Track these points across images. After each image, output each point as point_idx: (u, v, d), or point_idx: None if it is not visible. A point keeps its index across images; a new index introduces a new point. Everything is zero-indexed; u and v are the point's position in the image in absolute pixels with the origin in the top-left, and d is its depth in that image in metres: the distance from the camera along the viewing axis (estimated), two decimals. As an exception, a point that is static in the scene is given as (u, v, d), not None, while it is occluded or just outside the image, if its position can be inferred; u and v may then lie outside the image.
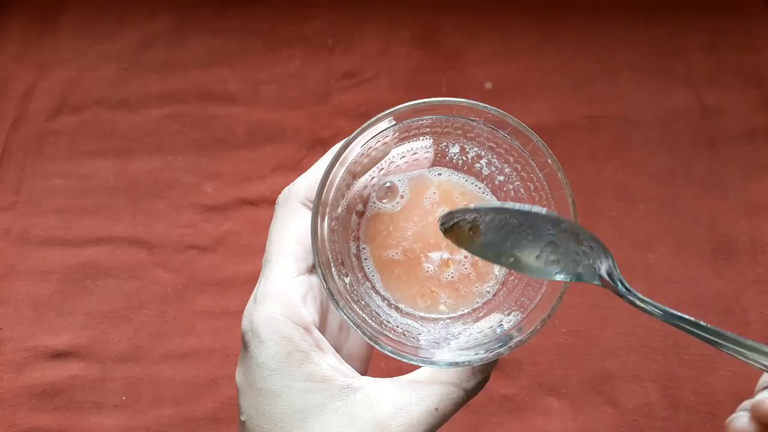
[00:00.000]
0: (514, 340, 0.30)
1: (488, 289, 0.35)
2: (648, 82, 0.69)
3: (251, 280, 0.63)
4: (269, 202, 0.66)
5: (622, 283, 0.29)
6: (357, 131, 0.31)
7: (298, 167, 0.67)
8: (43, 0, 0.72)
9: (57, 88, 0.69)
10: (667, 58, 0.70)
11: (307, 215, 0.32)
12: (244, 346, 0.31)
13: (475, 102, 0.31)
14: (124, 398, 0.60)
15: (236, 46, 0.71)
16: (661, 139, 0.67)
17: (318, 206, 0.31)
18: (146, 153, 0.67)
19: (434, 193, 0.35)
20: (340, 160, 0.31)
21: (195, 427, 0.59)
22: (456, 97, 0.32)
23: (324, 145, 0.67)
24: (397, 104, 0.32)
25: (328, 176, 0.31)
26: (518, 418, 0.59)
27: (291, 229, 0.33)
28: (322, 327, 0.33)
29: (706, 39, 0.70)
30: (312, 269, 0.33)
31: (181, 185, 0.66)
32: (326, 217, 0.32)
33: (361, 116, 0.68)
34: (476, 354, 0.31)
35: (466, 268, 0.35)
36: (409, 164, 0.36)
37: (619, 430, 0.59)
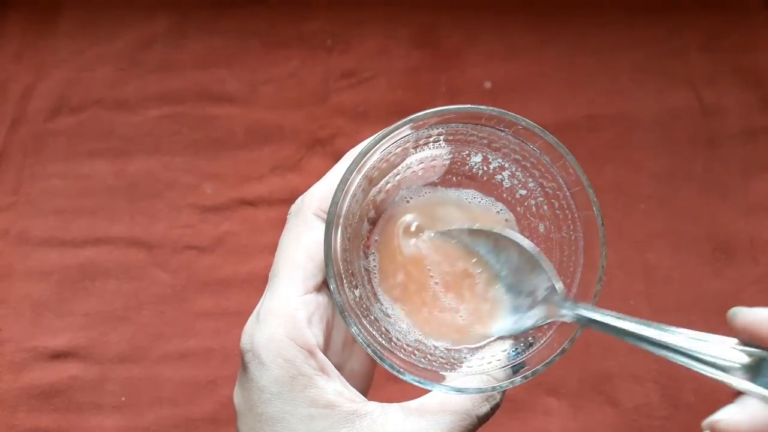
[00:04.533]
0: (530, 369, 0.29)
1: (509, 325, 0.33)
2: (648, 81, 0.69)
3: (250, 280, 0.63)
4: (267, 203, 0.66)
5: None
6: (377, 137, 0.29)
7: (297, 168, 0.67)
8: (42, 1, 0.72)
9: (55, 88, 0.69)
10: (666, 57, 0.69)
11: (320, 228, 0.31)
12: (244, 366, 0.30)
13: (505, 111, 0.30)
14: (123, 399, 0.60)
15: (234, 47, 0.71)
16: (661, 139, 0.67)
17: (333, 217, 0.29)
18: (145, 153, 0.67)
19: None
20: (357, 168, 0.30)
21: (194, 427, 0.59)
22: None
23: (323, 146, 0.67)
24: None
25: (345, 185, 0.29)
26: (518, 418, 0.59)
27: (302, 243, 0.31)
28: (326, 345, 0.31)
29: (705, 39, 0.70)
30: (320, 287, 0.31)
31: (180, 186, 0.66)
32: (340, 227, 0.30)
33: (360, 116, 0.68)
34: (488, 381, 0.29)
35: (479, 286, 0.33)
36: (426, 170, 0.34)
37: (619, 429, 0.59)
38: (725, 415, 0.26)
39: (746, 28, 0.70)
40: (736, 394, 0.27)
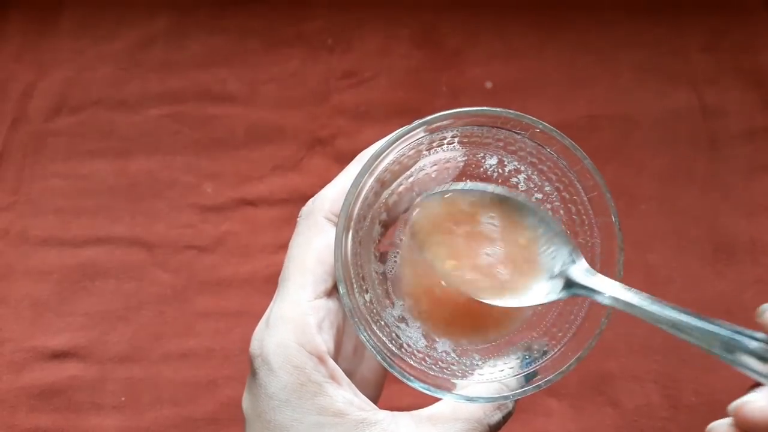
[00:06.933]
0: (544, 379, 0.28)
1: (525, 316, 0.33)
2: (649, 82, 0.69)
3: (250, 280, 0.63)
4: (268, 203, 0.66)
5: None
6: (391, 139, 0.29)
7: (298, 167, 0.67)
8: (42, 0, 0.72)
9: (56, 88, 0.69)
10: (667, 57, 0.69)
11: (331, 231, 0.30)
12: (253, 372, 0.29)
13: (522, 114, 0.29)
14: (123, 399, 0.60)
15: (235, 46, 0.71)
16: (662, 139, 0.67)
17: (344, 220, 0.29)
18: (145, 153, 0.67)
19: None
20: (370, 170, 0.29)
21: (194, 427, 0.59)
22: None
23: (323, 146, 0.67)
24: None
25: (357, 188, 0.29)
26: (518, 419, 0.59)
27: (313, 247, 0.31)
28: (336, 351, 0.31)
29: (707, 39, 0.70)
30: (331, 292, 0.31)
31: (180, 185, 0.66)
32: (351, 231, 0.30)
33: (361, 116, 0.68)
34: (500, 389, 0.29)
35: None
36: (439, 172, 0.33)
37: (619, 430, 0.59)
38: (752, 399, 0.26)
39: (747, 28, 0.70)
40: (753, 385, 0.27)
